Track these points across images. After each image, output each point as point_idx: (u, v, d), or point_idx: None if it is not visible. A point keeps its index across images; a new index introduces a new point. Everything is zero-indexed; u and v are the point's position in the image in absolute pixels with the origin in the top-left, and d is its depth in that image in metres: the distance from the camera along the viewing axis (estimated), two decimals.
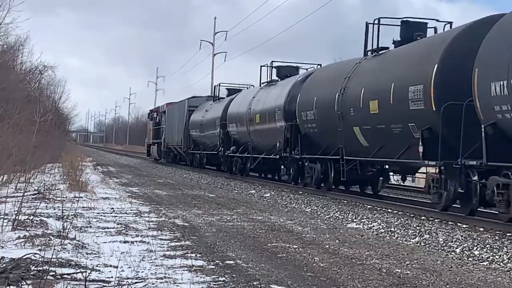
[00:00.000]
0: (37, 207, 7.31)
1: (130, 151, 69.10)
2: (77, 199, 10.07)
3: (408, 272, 4.73)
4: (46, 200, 9.58)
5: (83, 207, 9.08)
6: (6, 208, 7.00)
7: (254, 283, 3.98)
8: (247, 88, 22.54)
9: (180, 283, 3.80)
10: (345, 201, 11.91)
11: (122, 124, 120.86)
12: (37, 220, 6.41)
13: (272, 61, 17.86)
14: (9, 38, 19.21)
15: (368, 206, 10.92)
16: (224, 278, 4.07)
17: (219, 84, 24.50)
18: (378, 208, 10.58)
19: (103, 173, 22.35)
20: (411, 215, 9.45)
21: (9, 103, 13.97)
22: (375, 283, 4.19)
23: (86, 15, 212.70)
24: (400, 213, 9.85)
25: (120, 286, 3.58)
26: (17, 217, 5.76)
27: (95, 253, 4.97)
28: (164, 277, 4.01)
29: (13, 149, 11.14)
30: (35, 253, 4.18)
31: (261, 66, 18.19)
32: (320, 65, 17.38)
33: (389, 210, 10.25)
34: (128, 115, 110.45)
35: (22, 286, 3.38)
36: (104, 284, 3.62)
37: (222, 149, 20.28)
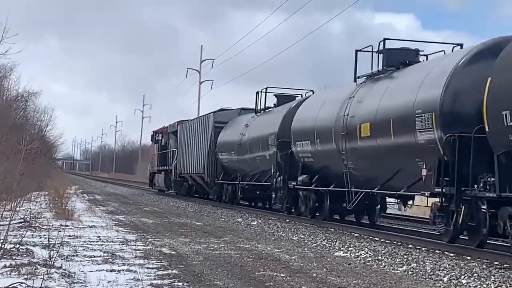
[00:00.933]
0: (23, 235, 7.18)
1: (116, 179, 69.27)
2: (63, 227, 9.97)
3: None
4: (32, 229, 9.46)
5: (69, 236, 8.92)
6: None
7: None
8: (313, 93, 16.91)
9: None
10: (332, 229, 11.89)
11: (108, 152, 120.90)
12: (23, 249, 6.30)
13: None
14: None
15: (355, 235, 10.93)
16: None
17: (266, 88, 17.37)
18: (365, 236, 10.60)
19: (89, 201, 22.49)
20: (398, 243, 9.50)
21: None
22: None
23: (71, 42, 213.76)
24: (387, 241, 9.89)
25: None
26: (2, 246, 5.67)
27: (81, 282, 4.91)
28: None
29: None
30: (22, 282, 4.14)
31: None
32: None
33: (376, 239, 10.28)
34: (114, 143, 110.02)
35: None
36: None
37: (280, 178, 14.40)
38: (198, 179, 21.79)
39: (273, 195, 16.47)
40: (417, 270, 6.68)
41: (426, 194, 9.02)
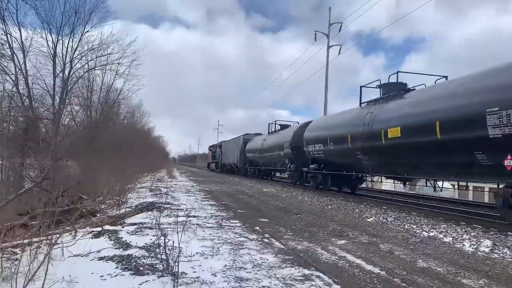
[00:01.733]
0: (157, 184, 16.02)
1: (197, 166, 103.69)
2: (171, 180, 19.68)
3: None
4: (159, 182, 18.94)
5: (173, 184, 18.20)
6: (147, 184, 15.73)
7: (232, 209, 11.57)
8: (297, 124, 26.62)
9: (207, 209, 11.52)
10: (324, 194, 18.97)
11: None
12: (157, 189, 14.93)
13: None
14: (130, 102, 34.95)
15: (336, 194, 17.96)
16: (222, 208, 11.73)
17: (275, 121, 30.17)
18: (342, 197, 17.56)
19: (181, 173, 40.87)
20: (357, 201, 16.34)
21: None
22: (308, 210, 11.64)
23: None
24: (350, 200, 16.76)
25: (187, 210, 11.34)
26: (151, 187, 14.11)
27: (178, 200, 12.98)
28: (202, 207, 11.75)
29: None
30: (157, 201, 12.24)
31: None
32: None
33: (350, 199, 17.18)
34: (197, 148, 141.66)
35: (153, 210, 11.23)
36: (181, 209, 11.41)
37: (293, 165, 22.81)
38: (233, 165, 40.22)
39: (282, 174, 31.52)
40: (362, 212, 13.76)
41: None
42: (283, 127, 28.81)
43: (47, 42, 21.33)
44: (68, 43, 22.24)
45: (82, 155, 18.64)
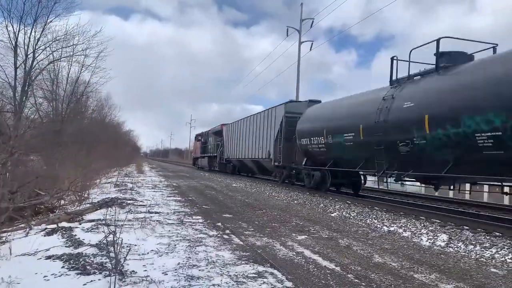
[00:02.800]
0: (124, 179, 15.68)
1: (169, 161, 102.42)
2: (139, 176, 19.47)
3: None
4: (127, 177, 18.64)
5: (141, 179, 17.97)
6: (113, 180, 15.40)
7: (197, 205, 11.44)
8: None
9: (170, 205, 11.33)
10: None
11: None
12: (123, 184, 14.62)
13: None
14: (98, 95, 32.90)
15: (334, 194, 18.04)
16: (187, 204, 11.58)
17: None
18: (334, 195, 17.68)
19: (151, 168, 39.05)
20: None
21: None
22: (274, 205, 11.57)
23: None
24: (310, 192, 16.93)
25: (150, 207, 11.12)
26: (115, 182, 13.81)
27: (142, 195, 12.74)
28: (166, 203, 11.56)
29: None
30: (121, 196, 11.97)
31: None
32: None
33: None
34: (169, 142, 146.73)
35: (114, 206, 10.98)
36: (144, 205, 11.19)
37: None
38: (262, 162, 21.96)
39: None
40: (344, 212, 13.81)
41: None
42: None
43: (8, 32, 20.54)
44: (31, 33, 21.49)
45: (45, 149, 18.11)
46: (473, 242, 6.92)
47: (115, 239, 4.78)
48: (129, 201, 11.11)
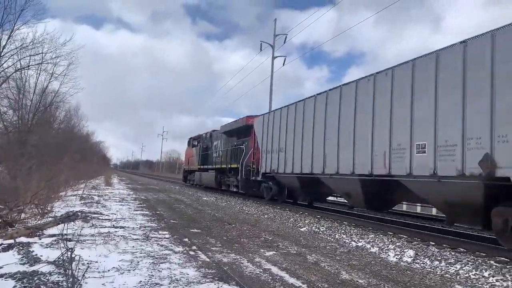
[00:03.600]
0: (90, 192, 15.21)
1: (140, 173, 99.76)
2: (107, 188, 18.87)
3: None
4: (94, 189, 18.09)
5: (109, 192, 17.43)
6: (79, 192, 14.90)
7: (164, 219, 11.18)
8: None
9: (138, 219, 11.04)
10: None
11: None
12: (89, 197, 14.15)
13: None
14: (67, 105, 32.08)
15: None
16: (155, 218, 11.31)
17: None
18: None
19: (120, 180, 38.33)
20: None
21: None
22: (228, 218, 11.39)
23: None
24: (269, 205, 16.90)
25: (115, 221, 10.80)
26: (82, 195, 13.36)
27: (109, 209, 12.37)
28: (132, 217, 11.26)
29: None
30: (85, 210, 11.59)
31: None
32: None
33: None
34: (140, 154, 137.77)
35: (77, 221, 10.61)
36: (109, 219, 10.86)
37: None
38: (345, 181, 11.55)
39: None
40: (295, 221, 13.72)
41: None
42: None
43: None
44: None
45: (9, 160, 17.47)
46: (439, 258, 6.98)
47: (72, 255, 4.56)
48: (94, 215, 10.75)
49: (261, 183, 17.40)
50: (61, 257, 5.28)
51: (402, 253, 7.43)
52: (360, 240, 8.66)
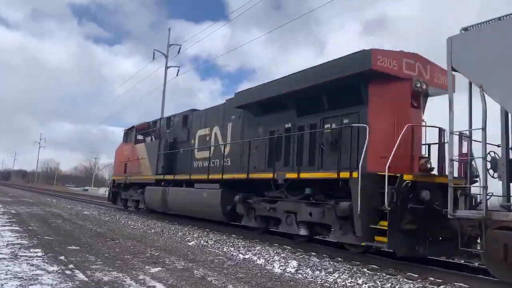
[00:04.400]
0: None
1: (11, 184, 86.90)
2: None
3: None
4: None
5: None
6: None
7: (38, 235, 10.12)
8: None
9: (5, 235, 9.82)
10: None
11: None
12: None
13: None
14: None
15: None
16: (26, 234, 10.18)
17: None
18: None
19: None
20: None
21: None
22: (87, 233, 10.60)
23: None
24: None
25: None
26: None
27: None
28: None
29: None
30: None
31: None
32: None
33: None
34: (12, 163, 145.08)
35: None
36: None
37: None
38: None
39: None
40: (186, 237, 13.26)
41: None
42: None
43: None
44: None
45: None
46: (319, 268, 7.37)
47: None
48: None
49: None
50: None
51: (287, 264, 7.69)
52: (247, 253, 8.78)
